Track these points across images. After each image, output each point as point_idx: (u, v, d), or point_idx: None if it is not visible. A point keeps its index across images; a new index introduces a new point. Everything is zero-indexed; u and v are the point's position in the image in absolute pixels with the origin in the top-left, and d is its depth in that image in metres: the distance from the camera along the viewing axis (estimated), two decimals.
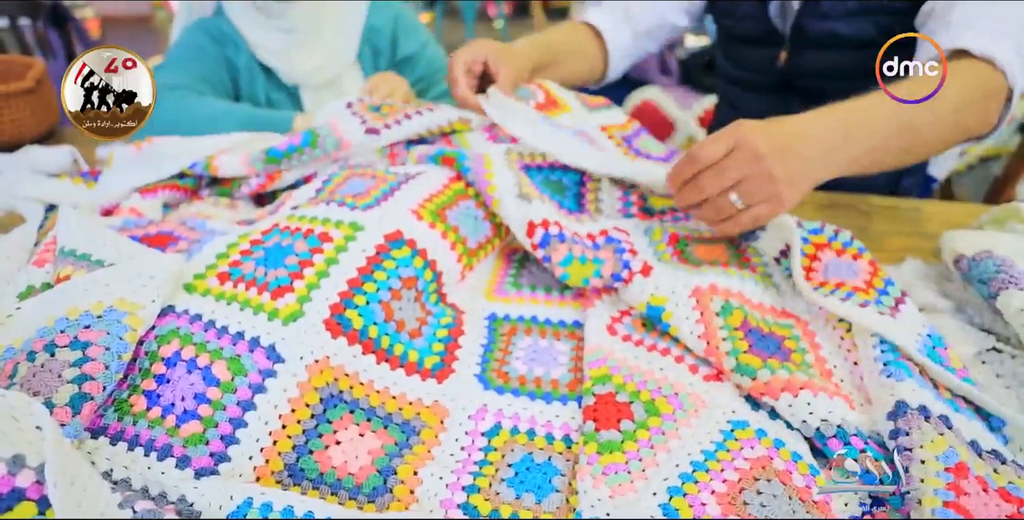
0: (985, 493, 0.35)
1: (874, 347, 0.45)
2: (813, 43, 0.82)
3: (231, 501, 0.37)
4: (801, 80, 0.87)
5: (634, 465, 0.39)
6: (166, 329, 0.43)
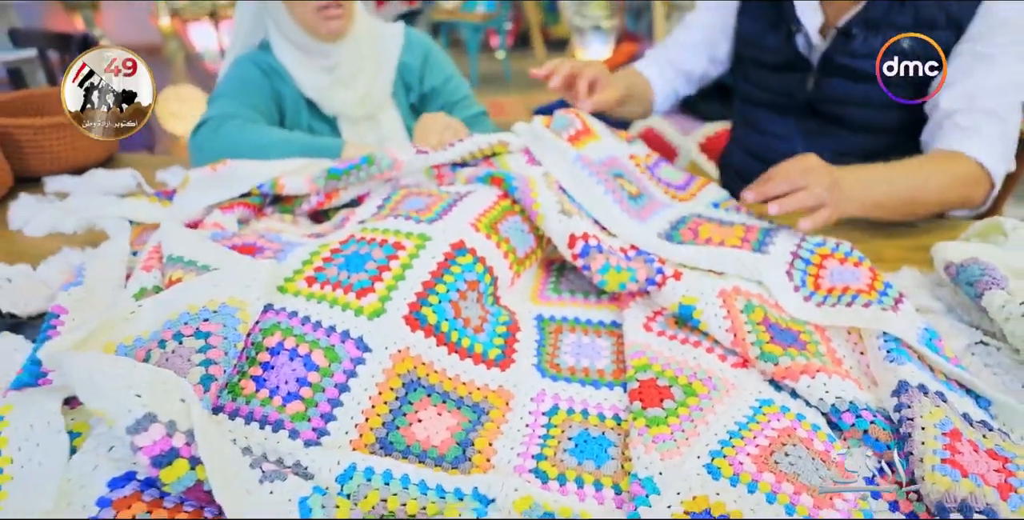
0: (976, 453, 0.42)
1: (878, 338, 0.52)
2: (840, 74, 0.91)
3: (338, 465, 0.43)
4: (824, 105, 0.96)
5: (678, 435, 0.46)
6: (268, 323, 0.50)
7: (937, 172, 0.79)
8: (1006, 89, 0.81)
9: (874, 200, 0.74)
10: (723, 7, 1.05)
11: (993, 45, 0.81)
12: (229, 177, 0.75)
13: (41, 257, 0.70)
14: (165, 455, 0.38)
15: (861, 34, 0.88)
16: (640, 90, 1.08)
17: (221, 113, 0.93)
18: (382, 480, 0.42)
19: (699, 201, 0.81)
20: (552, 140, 0.77)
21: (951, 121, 0.83)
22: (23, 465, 0.41)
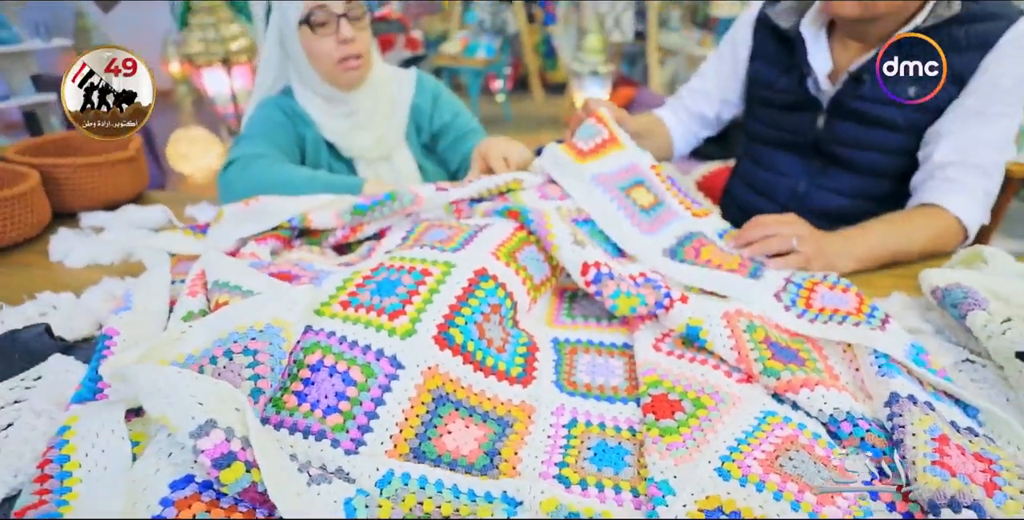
0: (963, 456, 0.45)
1: (870, 355, 0.57)
2: (850, 117, 0.98)
3: (377, 472, 0.47)
4: (831, 146, 1.02)
5: (690, 443, 0.49)
6: (309, 342, 0.55)
7: (919, 230, 0.87)
8: (994, 147, 0.89)
9: (863, 257, 0.83)
10: (735, 53, 1.13)
11: (988, 104, 0.88)
12: (261, 211, 0.81)
13: (81, 286, 0.75)
14: (224, 458, 0.41)
15: (871, 81, 0.94)
16: (655, 129, 1.18)
17: (249, 153, 0.99)
18: (418, 485, 0.46)
19: (708, 224, 0.86)
20: (572, 164, 0.84)
21: (942, 173, 0.90)
22: (90, 469, 0.44)
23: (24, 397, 0.56)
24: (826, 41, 0.99)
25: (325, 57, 1.00)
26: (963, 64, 0.87)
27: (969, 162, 0.88)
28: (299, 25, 0.99)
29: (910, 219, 0.89)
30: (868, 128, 0.96)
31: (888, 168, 0.99)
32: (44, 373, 0.58)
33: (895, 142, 0.96)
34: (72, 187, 0.97)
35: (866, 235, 0.84)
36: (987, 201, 0.90)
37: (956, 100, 0.89)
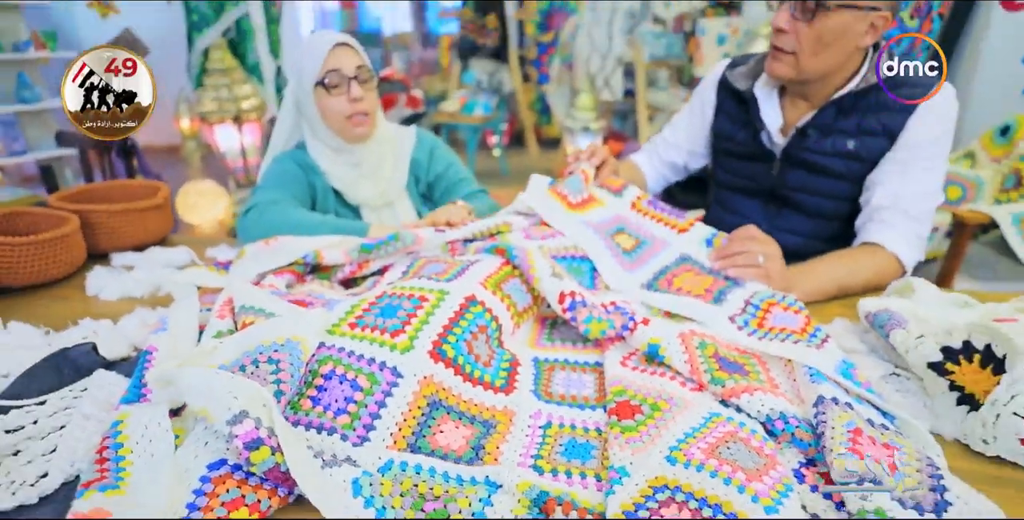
0: (873, 445, 0.54)
1: (805, 367, 0.66)
2: (798, 166, 1.11)
3: (379, 460, 0.55)
4: (785, 192, 1.15)
5: (646, 437, 0.58)
6: (322, 356, 0.64)
7: (862, 266, 0.98)
8: (922, 196, 1.02)
9: (812, 292, 0.93)
10: (702, 110, 1.27)
11: (915, 158, 1.02)
12: (279, 250, 0.91)
13: (116, 316, 0.84)
14: (254, 442, 0.50)
15: (815, 135, 1.08)
16: (635, 177, 1.34)
17: (266, 200, 1.10)
18: (413, 470, 0.54)
19: (693, 236, 0.97)
20: (563, 211, 0.98)
21: (879, 215, 1.03)
22: (140, 455, 0.53)
23: (73, 404, 0.65)
24: (778, 101, 1.13)
25: (337, 114, 1.13)
26: (893, 122, 1.01)
27: (900, 207, 0.99)
28: (315, 86, 1.12)
29: (854, 256, 0.99)
30: (815, 176, 1.09)
31: (835, 211, 1.11)
32: (89, 385, 0.67)
33: (839, 189, 1.08)
34: (106, 230, 1.08)
35: (815, 272, 0.94)
36: (919, 242, 1.01)
37: (888, 153, 1.02)
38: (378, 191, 1.24)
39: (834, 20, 0.97)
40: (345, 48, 1.12)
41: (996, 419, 0.57)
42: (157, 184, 1.21)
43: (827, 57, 1.01)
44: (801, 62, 1.01)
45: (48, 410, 0.64)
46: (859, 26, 0.98)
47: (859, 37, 0.99)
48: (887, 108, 1.01)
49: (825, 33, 0.98)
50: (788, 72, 1.03)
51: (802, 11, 0.98)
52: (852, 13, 0.96)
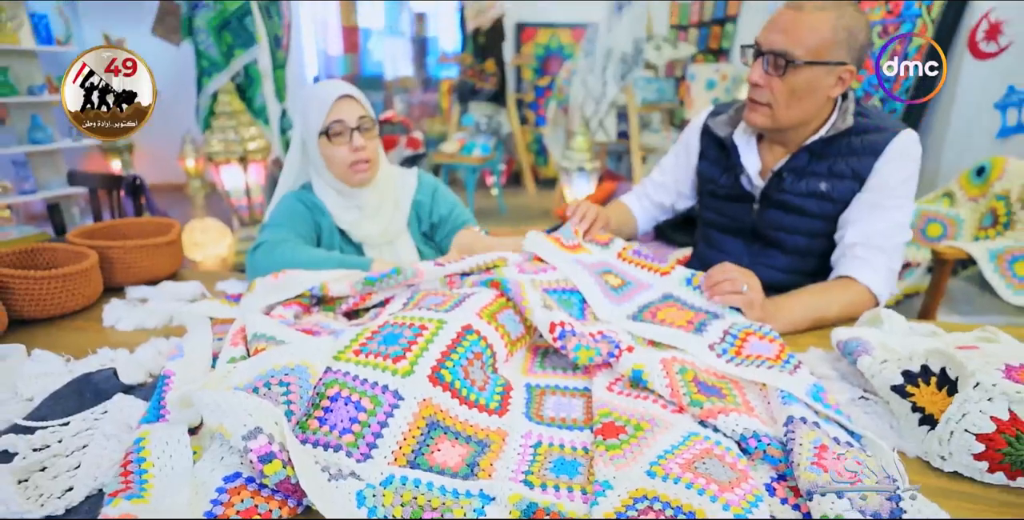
0: (837, 459, 0.59)
1: (778, 391, 0.71)
2: (776, 206, 1.19)
3: (381, 475, 0.60)
4: (764, 230, 1.22)
5: (628, 455, 0.63)
6: (329, 379, 0.69)
7: (837, 299, 1.04)
8: (891, 232, 1.08)
9: (790, 323, 0.99)
10: (687, 154, 1.35)
11: (883, 198, 1.09)
12: (287, 283, 0.97)
13: (131, 345, 0.89)
14: (267, 456, 0.55)
15: (790, 177, 1.16)
16: (625, 218, 1.41)
17: (274, 237, 1.17)
18: (413, 484, 0.59)
19: (675, 277, 1.04)
20: (556, 249, 1.05)
21: (852, 251, 1.10)
22: (162, 468, 0.57)
23: (95, 426, 0.70)
24: (756, 146, 1.21)
25: (340, 161, 1.20)
26: (861, 166, 1.08)
27: (872, 244, 1.06)
28: (319, 135, 1.20)
29: (829, 290, 1.05)
30: (791, 215, 1.16)
31: (811, 248, 1.17)
32: (109, 408, 0.72)
33: (814, 227, 1.15)
34: (122, 265, 1.13)
35: (792, 305, 1.00)
36: (890, 275, 1.07)
37: (858, 194, 1.09)
38: (380, 230, 1.30)
39: (804, 75, 1.05)
40: (349, 99, 1.20)
41: (950, 436, 0.62)
42: (170, 222, 1.27)
43: (800, 108, 1.09)
44: (776, 113, 1.09)
45: (72, 430, 0.68)
46: (828, 79, 1.06)
47: (828, 89, 1.07)
48: (855, 153, 1.09)
49: (797, 87, 1.06)
50: (765, 122, 1.11)
51: (774, 67, 1.06)
52: (821, 68, 1.04)
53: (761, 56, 1.08)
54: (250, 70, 3.35)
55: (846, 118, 1.09)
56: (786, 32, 1.04)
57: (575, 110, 4.67)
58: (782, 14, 1.06)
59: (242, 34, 3.21)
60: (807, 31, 1.03)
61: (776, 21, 1.06)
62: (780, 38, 1.05)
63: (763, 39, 1.08)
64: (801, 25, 1.03)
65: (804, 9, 1.04)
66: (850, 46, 1.04)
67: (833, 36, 1.03)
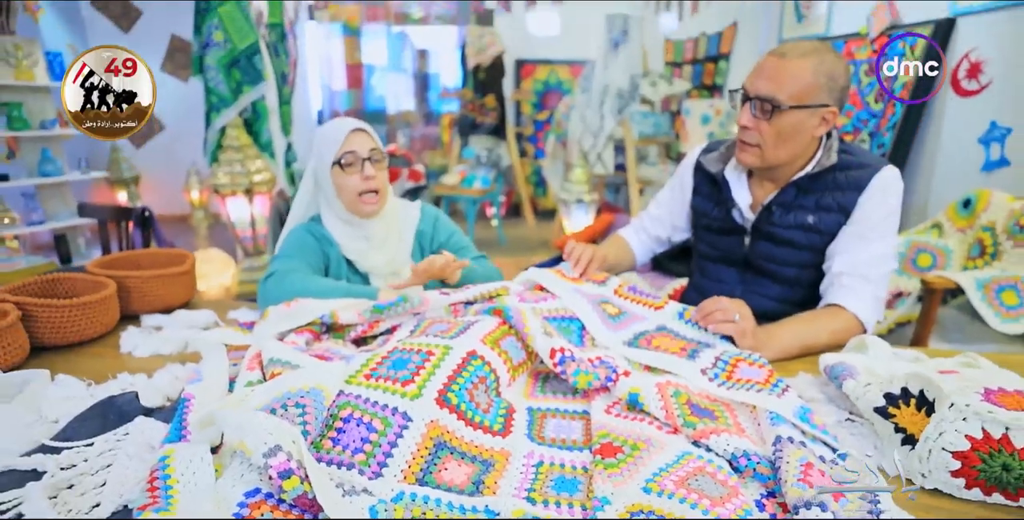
0: (822, 476, 0.62)
1: (767, 412, 0.75)
2: (766, 238, 1.24)
3: (392, 491, 0.63)
4: (756, 261, 1.27)
5: (626, 473, 0.66)
6: (341, 402, 0.72)
7: (825, 327, 1.09)
8: (876, 262, 1.14)
9: (780, 350, 1.03)
10: (682, 190, 1.41)
11: (867, 231, 1.15)
12: (298, 311, 1.01)
13: (147, 371, 0.93)
14: (286, 472, 0.58)
15: (779, 211, 1.21)
16: (624, 251, 1.47)
17: (284, 267, 1.21)
18: (422, 501, 0.62)
19: (668, 311, 1.09)
20: (557, 278, 1.12)
21: (840, 281, 1.15)
22: (186, 484, 0.61)
23: (117, 446, 0.73)
24: (746, 181, 1.27)
25: (351, 190, 1.26)
26: (846, 200, 1.14)
27: (858, 273, 1.11)
28: (332, 165, 1.26)
29: (817, 318, 1.10)
30: (781, 247, 1.21)
31: (801, 279, 1.22)
32: (131, 429, 0.76)
33: (802, 258, 1.20)
34: (139, 294, 1.18)
35: (782, 333, 1.04)
36: (876, 303, 1.12)
37: (844, 226, 1.15)
38: (386, 260, 1.35)
39: (790, 118, 1.11)
40: (361, 133, 1.27)
41: (929, 454, 0.66)
42: (183, 253, 1.32)
43: (787, 148, 1.15)
44: (765, 153, 1.16)
45: (96, 450, 0.72)
46: (812, 121, 1.12)
47: (813, 129, 1.14)
48: (840, 187, 1.15)
49: (783, 129, 1.12)
50: (755, 161, 1.17)
51: (761, 111, 1.12)
52: (805, 111, 1.11)
53: (749, 101, 1.14)
54: (257, 106, 3.45)
55: (831, 155, 1.16)
56: (771, 79, 1.11)
57: (573, 143, 4.78)
58: (767, 61, 1.13)
59: (250, 72, 3.31)
60: (791, 78, 1.09)
61: (762, 68, 1.13)
62: (766, 84, 1.11)
63: (750, 85, 1.14)
64: (785, 72, 1.10)
65: (787, 56, 1.11)
66: (831, 89, 1.11)
67: (815, 81, 1.09)
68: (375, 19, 6.03)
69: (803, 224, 1.18)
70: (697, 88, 4.91)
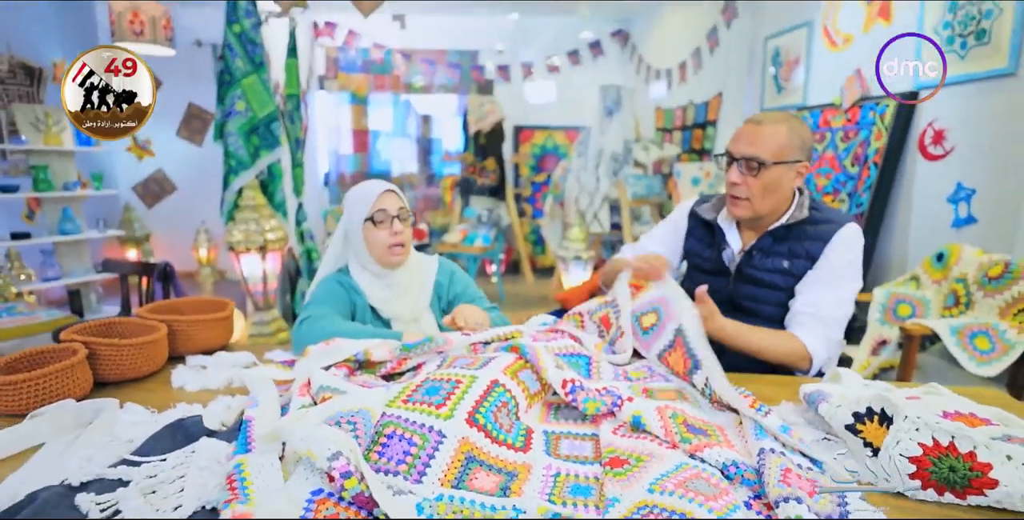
0: (799, 479, 0.74)
1: (753, 429, 0.86)
2: (747, 280, 1.40)
3: (433, 493, 0.74)
4: (739, 301, 1.42)
5: (632, 479, 0.77)
6: (385, 421, 0.84)
7: (781, 343, 1.27)
8: (833, 305, 1.31)
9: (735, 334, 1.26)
10: (676, 231, 1.58)
11: (829, 277, 1.32)
12: (335, 349, 1.13)
13: (199, 402, 1.04)
14: (347, 473, 0.70)
15: (758, 255, 1.38)
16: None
17: (317, 313, 1.34)
18: (459, 501, 0.73)
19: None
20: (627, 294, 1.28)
21: (798, 318, 1.32)
22: (260, 485, 0.71)
23: (187, 461, 0.84)
24: (736, 228, 1.43)
25: (380, 244, 1.41)
26: (814, 249, 1.30)
27: (816, 314, 1.28)
28: (364, 221, 1.41)
29: (779, 335, 1.30)
30: (760, 288, 1.36)
31: (776, 315, 1.37)
32: (196, 448, 0.86)
33: (778, 297, 1.36)
34: (184, 337, 1.30)
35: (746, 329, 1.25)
36: (827, 343, 1.29)
37: (810, 271, 1.31)
38: (407, 308, 1.48)
39: (772, 173, 1.31)
40: (391, 193, 1.43)
41: (890, 460, 0.77)
42: (224, 301, 1.45)
43: (772, 199, 1.34)
44: (754, 204, 1.34)
45: (170, 465, 0.82)
46: (790, 174, 1.32)
47: (791, 181, 1.34)
48: (810, 238, 1.31)
49: (768, 183, 1.32)
50: (746, 213, 1.36)
51: (748, 169, 1.32)
52: (784, 166, 1.31)
53: (735, 161, 1.33)
54: (273, 168, 3.65)
55: (803, 210, 1.33)
56: (753, 142, 1.31)
57: (571, 204, 5.00)
58: (747, 128, 1.33)
59: (268, 137, 3.54)
60: (769, 140, 1.30)
61: (743, 134, 1.33)
62: (750, 147, 1.31)
63: (734, 149, 1.34)
64: (764, 136, 1.31)
65: (763, 123, 1.32)
66: (802, 148, 1.32)
67: (790, 142, 1.30)
68: (381, 88, 6.40)
69: (780, 268, 1.34)
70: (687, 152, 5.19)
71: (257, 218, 3.49)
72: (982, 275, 2.11)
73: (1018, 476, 0.71)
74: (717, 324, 1.24)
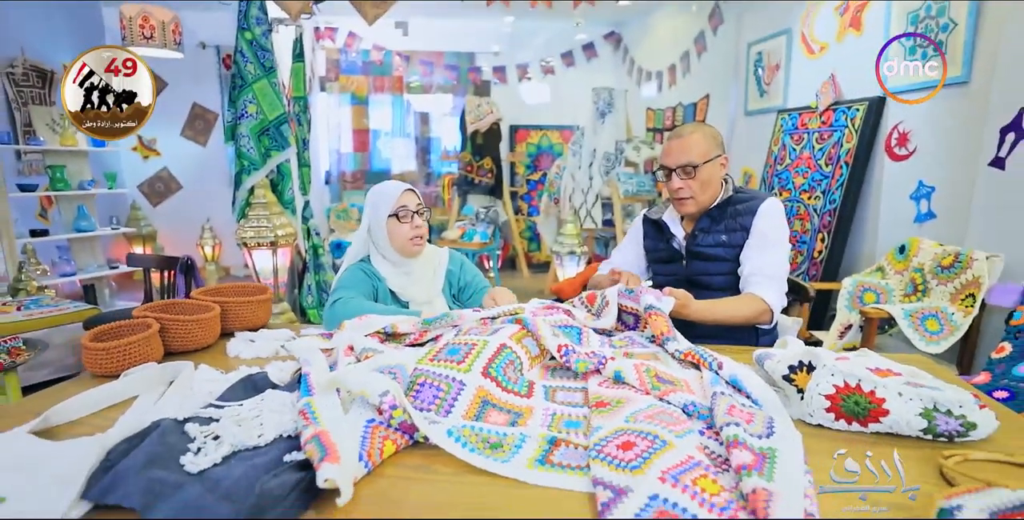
0: (741, 411, 0.95)
1: (710, 380, 1.09)
2: (697, 257, 1.67)
3: (459, 423, 0.96)
4: (694, 277, 1.69)
5: (613, 415, 0.99)
6: (416, 373, 1.05)
7: (742, 306, 1.53)
8: (775, 264, 1.59)
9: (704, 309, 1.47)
10: (635, 239, 1.89)
11: (763, 243, 1.61)
12: (368, 323, 1.35)
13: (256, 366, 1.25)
14: (394, 406, 0.91)
15: (701, 235, 1.68)
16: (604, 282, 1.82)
17: (346, 296, 1.55)
18: (479, 429, 0.95)
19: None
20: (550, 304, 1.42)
21: (752, 280, 1.59)
22: (327, 418, 0.93)
23: (259, 406, 1.05)
24: (679, 221, 1.70)
25: (402, 236, 1.63)
26: (744, 222, 1.61)
27: (763, 273, 1.56)
28: (388, 217, 1.63)
29: (741, 299, 1.56)
30: (708, 262, 1.66)
31: (731, 284, 1.64)
32: (265, 397, 1.07)
33: (724, 267, 1.64)
34: (233, 315, 1.51)
35: (713, 303, 1.49)
36: (779, 294, 1.56)
37: (748, 241, 1.61)
38: (423, 292, 1.70)
39: (704, 171, 1.62)
40: (410, 192, 1.64)
41: (811, 400, 0.99)
42: (263, 286, 1.66)
43: (710, 191, 1.66)
44: (698, 200, 1.65)
45: (246, 408, 1.03)
46: (717, 167, 1.64)
47: (720, 172, 1.66)
48: (740, 213, 1.63)
49: (704, 179, 1.63)
50: (693, 208, 1.67)
51: (684, 173, 1.63)
52: (710, 163, 1.62)
53: (672, 171, 1.64)
54: (282, 168, 3.86)
55: (727, 192, 1.66)
56: (683, 152, 1.63)
57: (565, 201, 5.22)
58: (673, 143, 1.67)
59: (278, 139, 3.74)
60: (695, 146, 1.63)
61: (672, 148, 1.66)
62: (682, 156, 1.63)
63: (669, 162, 1.66)
64: (689, 144, 1.63)
65: (683, 135, 1.65)
66: (718, 145, 1.65)
67: (707, 143, 1.63)
68: (381, 90, 6.60)
69: (720, 242, 1.63)
70: None
71: (268, 215, 3.69)
72: (936, 265, 2.34)
73: (905, 408, 0.93)
74: (691, 308, 1.48)
